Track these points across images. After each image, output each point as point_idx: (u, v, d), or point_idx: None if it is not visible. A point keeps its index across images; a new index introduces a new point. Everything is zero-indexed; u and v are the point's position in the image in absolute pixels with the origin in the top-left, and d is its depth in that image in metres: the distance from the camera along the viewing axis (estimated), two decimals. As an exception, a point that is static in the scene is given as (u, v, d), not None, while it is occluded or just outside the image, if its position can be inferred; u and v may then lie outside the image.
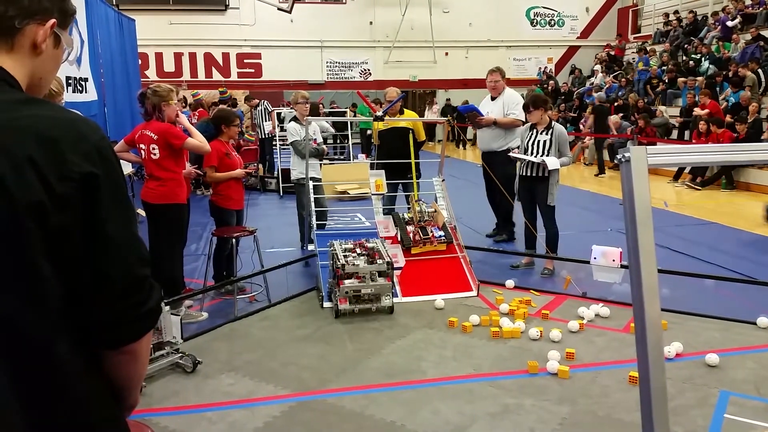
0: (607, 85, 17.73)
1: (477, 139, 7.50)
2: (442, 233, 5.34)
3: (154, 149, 4.41)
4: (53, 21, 1.14)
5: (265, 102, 12.55)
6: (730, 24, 15.66)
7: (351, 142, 13.85)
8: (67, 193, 1.01)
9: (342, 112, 16.34)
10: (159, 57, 20.08)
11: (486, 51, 22.03)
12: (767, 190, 9.90)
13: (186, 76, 20.21)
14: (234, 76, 20.97)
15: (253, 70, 21.18)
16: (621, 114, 14.57)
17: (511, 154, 5.94)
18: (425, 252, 5.28)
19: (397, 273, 4.98)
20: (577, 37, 23.26)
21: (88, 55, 8.24)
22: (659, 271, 1.49)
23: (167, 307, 3.72)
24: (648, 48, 18.34)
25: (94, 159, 1.05)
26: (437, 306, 4.74)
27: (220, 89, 15.77)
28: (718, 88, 13.33)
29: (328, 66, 21.82)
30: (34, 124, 1.03)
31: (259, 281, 5.14)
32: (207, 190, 7.42)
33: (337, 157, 14.31)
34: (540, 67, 22.69)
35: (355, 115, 16.35)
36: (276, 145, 11.44)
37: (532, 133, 5.67)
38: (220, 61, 20.96)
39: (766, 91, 12.69)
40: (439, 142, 18.41)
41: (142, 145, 4.47)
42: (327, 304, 4.70)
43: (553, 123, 5.70)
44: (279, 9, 17.51)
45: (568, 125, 15.58)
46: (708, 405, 3.22)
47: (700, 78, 14.14)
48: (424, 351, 3.96)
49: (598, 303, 4.65)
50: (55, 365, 1.04)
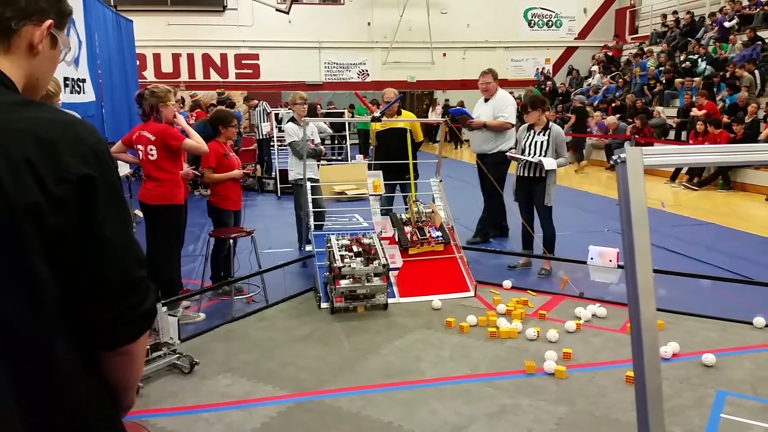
0: (604, 86, 17.75)
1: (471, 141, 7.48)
2: (439, 234, 5.35)
3: (151, 150, 4.40)
4: (50, 22, 1.13)
5: (264, 103, 12.54)
6: (727, 25, 15.71)
7: (349, 143, 13.85)
8: (64, 195, 1.01)
9: (339, 112, 16.32)
10: (157, 58, 20.04)
11: (484, 52, 22.02)
12: (764, 191, 9.91)
13: (184, 76, 20.15)
14: (232, 77, 20.93)
15: (251, 71, 21.14)
16: (618, 115, 14.60)
17: (509, 154, 5.95)
18: (423, 252, 5.28)
19: (395, 273, 4.99)
20: (575, 38, 23.26)
21: (86, 56, 8.21)
22: (656, 271, 1.50)
23: (164, 308, 3.72)
24: (645, 49, 18.37)
25: (90, 161, 1.05)
26: (435, 306, 4.74)
27: (218, 90, 15.73)
28: (715, 89, 13.37)
29: (326, 67, 21.80)
30: (33, 126, 1.03)
31: (257, 282, 5.14)
32: (206, 190, 7.42)
33: (334, 157, 14.32)
34: (538, 68, 22.69)
35: (352, 116, 16.35)
36: (274, 145, 11.43)
37: (530, 134, 5.69)
38: (218, 62, 20.93)
39: (763, 92, 12.73)
40: (438, 142, 18.39)
41: (139, 146, 4.47)
42: (324, 305, 4.71)
43: (551, 124, 5.72)
44: (277, 10, 17.48)
45: (565, 126, 15.59)
46: (705, 405, 3.23)
47: (697, 79, 14.17)
48: (422, 351, 3.96)
49: (595, 303, 4.66)
50: (54, 366, 1.04)
